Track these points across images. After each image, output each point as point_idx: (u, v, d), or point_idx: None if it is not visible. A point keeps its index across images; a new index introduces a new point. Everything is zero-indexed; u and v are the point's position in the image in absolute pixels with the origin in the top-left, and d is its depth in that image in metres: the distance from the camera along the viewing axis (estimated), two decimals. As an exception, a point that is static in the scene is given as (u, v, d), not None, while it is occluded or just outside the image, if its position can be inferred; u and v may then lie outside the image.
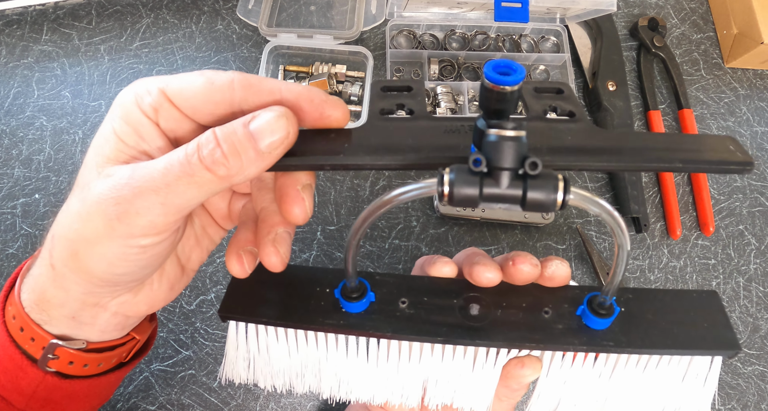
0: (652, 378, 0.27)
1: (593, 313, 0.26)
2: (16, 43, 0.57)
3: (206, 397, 0.47)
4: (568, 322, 0.27)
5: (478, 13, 0.59)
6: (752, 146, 0.60)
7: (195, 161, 0.20)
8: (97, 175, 0.22)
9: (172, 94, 0.22)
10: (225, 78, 0.22)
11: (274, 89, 0.22)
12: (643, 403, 0.28)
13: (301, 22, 0.59)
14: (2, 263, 0.50)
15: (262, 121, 0.21)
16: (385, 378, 0.28)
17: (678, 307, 0.27)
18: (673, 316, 0.27)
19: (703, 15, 0.65)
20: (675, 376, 0.27)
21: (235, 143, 0.20)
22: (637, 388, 0.27)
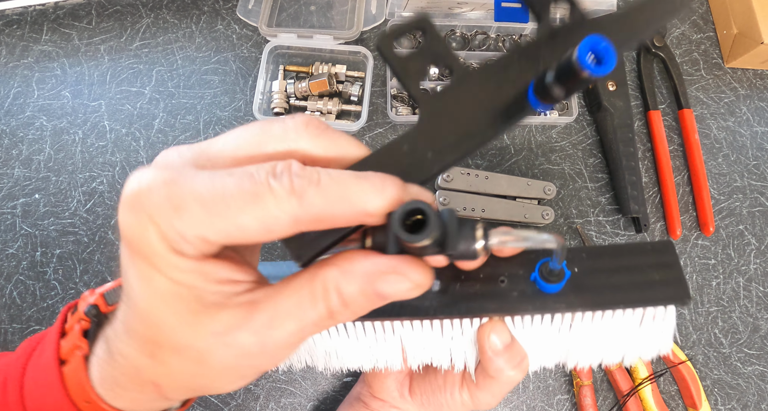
0: (609, 328, 0.29)
1: (544, 280, 0.27)
2: (16, 43, 0.57)
3: (206, 397, 0.47)
4: (522, 288, 0.28)
5: (478, 13, 0.59)
6: (752, 146, 0.60)
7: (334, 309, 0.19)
8: (214, 343, 0.19)
9: (218, 241, 0.19)
10: (285, 224, 0.18)
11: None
12: (603, 350, 0.30)
13: (301, 22, 0.59)
14: (2, 263, 0.50)
15: (393, 290, 0.19)
16: (370, 349, 0.30)
17: (632, 261, 0.28)
18: (627, 270, 0.28)
19: (703, 15, 0.65)
20: (632, 324, 0.28)
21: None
22: (596, 337, 0.29)
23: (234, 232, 0.18)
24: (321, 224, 0.18)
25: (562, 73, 0.19)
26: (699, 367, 0.53)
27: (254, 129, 0.20)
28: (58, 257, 0.50)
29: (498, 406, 0.50)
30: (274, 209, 0.17)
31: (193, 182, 0.18)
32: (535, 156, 0.57)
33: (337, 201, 0.18)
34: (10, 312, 0.49)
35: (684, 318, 0.54)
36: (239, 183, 0.18)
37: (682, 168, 0.59)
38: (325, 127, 0.20)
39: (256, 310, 0.19)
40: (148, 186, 0.18)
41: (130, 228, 0.18)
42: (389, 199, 0.19)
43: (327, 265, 0.20)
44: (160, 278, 0.19)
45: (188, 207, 0.17)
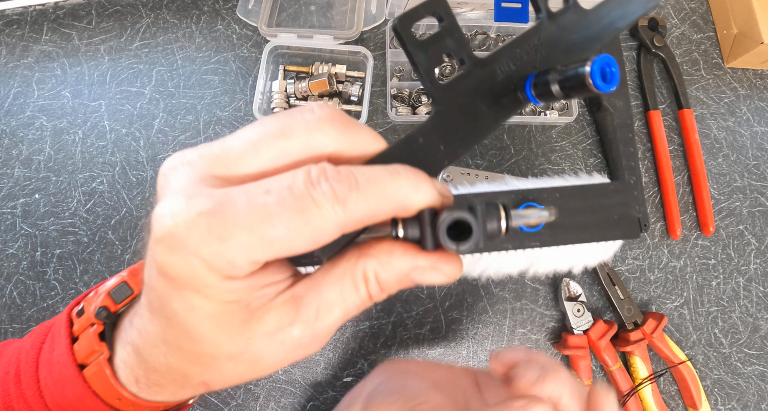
0: (568, 249, 0.35)
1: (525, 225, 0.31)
2: (16, 43, 0.57)
3: (206, 397, 0.47)
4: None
5: (478, 13, 0.59)
6: (752, 146, 0.60)
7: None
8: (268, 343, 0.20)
9: (269, 260, 0.18)
10: (333, 233, 0.18)
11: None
12: (559, 262, 0.37)
13: (301, 22, 0.59)
14: (2, 263, 0.50)
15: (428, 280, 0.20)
16: None
17: (597, 200, 0.33)
18: (592, 210, 0.33)
19: (703, 15, 0.65)
20: (587, 247, 0.35)
21: None
22: (556, 255, 0.35)
23: (284, 250, 0.17)
24: (362, 225, 0.18)
25: (569, 80, 0.20)
26: (699, 367, 0.53)
27: (272, 129, 0.19)
28: (58, 257, 0.50)
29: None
30: (320, 222, 0.17)
31: (232, 208, 0.17)
32: (535, 156, 0.57)
33: (378, 202, 0.18)
34: (10, 312, 0.49)
35: (684, 318, 0.54)
36: (281, 200, 0.17)
37: (682, 168, 0.59)
38: (348, 121, 0.20)
39: (302, 305, 0.19)
40: (184, 222, 0.17)
41: (174, 267, 0.18)
42: (427, 195, 0.19)
43: (366, 256, 0.20)
44: (211, 304, 0.18)
45: (233, 236, 0.17)
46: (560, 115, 0.57)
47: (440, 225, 0.19)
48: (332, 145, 0.19)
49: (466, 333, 0.52)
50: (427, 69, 0.21)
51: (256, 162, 0.19)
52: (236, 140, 0.19)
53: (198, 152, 0.19)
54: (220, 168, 0.18)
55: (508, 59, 0.22)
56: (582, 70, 0.19)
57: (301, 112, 0.19)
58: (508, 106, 0.22)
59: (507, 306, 0.52)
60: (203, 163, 0.18)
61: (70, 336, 0.26)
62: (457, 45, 0.21)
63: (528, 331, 0.52)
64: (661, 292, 0.55)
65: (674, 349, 0.51)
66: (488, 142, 0.57)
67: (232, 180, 0.18)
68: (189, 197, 0.17)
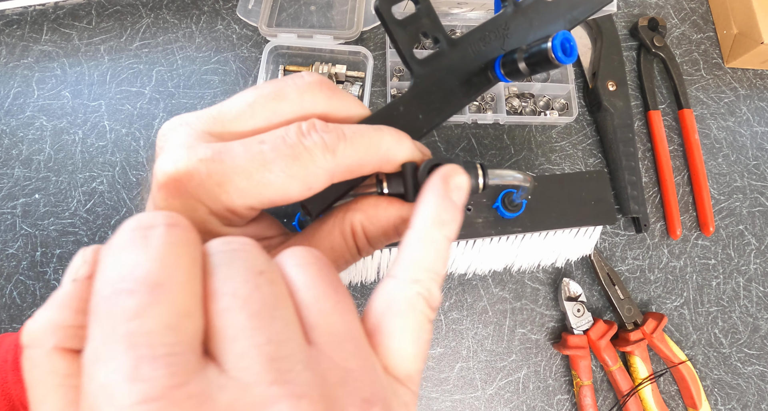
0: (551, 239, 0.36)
1: (506, 208, 0.32)
2: (16, 43, 0.57)
3: (206, 397, 0.47)
4: (486, 215, 0.34)
5: (478, 13, 0.59)
6: (752, 146, 0.60)
7: None
8: None
9: (265, 207, 0.19)
10: (324, 180, 0.19)
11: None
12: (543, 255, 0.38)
13: (301, 22, 0.59)
14: (2, 263, 0.50)
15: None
16: None
17: (575, 188, 0.35)
18: (570, 197, 0.35)
19: (703, 15, 0.65)
20: (568, 237, 0.36)
21: None
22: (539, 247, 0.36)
23: (279, 196, 0.18)
24: (350, 174, 0.19)
25: (533, 56, 0.23)
26: (699, 367, 0.53)
27: (267, 92, 0.20)
28: (58, 257, 0.50)
29: (497, 405, 0.50)
30: (312, 167, 0.18)
31: (230, 155, 0.18)
32: (535, 156, 0.57)
33: (365, 151, 0.19)
34: (10, 312, 0.49)
35: (684, 318, 0.54)
36: (275, 148, 0.18)
37: (682, 168, 0.59)
38: (335, 87, 0.21)
39: None
40: (186, 167, 0.18)
41: (177, 212, 0.18)
42: (408, 149, 0.21)
43: (354, 211, 0.21)
44: None
45: (233, 181, 0.18)
46: (560, 115, 0.57)
47: (420, 171, 0.21)
48: (321, 107, 0.20)
49: (466, 333, 0.52)
50: (406, 45, 0.23)
51: (251, 121, 0.19)
52: (232, 102, 0.20)
53: (195, 114, 0.20)
54: (217, 126, 0.19)
55: (478, 40, 0.25)
56: (544, 45, 0.22)
57: (292, 78, 0.20)
58: (478, 83, 0.25)
59: (507, 306, 0.52)
60: (201, 123, 0.19)
61: None
62: (432, 25, 0.24)
63: (528, 331, 0.52)
64: (661, 292, 0.55)
65: (674, 349, 0.51)
66: (488, 142, 0.57)
67: (228, 137, 0.19)
68: (189, 147, 0.18)
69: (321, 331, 0.15)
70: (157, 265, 0.13)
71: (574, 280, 0.52)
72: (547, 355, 0.52)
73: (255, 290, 0.14)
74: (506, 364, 0.51)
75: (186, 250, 0.14)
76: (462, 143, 0.57)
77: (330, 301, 0.16)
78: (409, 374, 0.17)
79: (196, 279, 0.14)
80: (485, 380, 0.50)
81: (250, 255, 0.15)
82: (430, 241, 0.18)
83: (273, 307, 0.14)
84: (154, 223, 0.14)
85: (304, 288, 0.16)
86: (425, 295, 0.18)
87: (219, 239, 0.16)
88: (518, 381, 0.51)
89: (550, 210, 0.34)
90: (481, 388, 0.50)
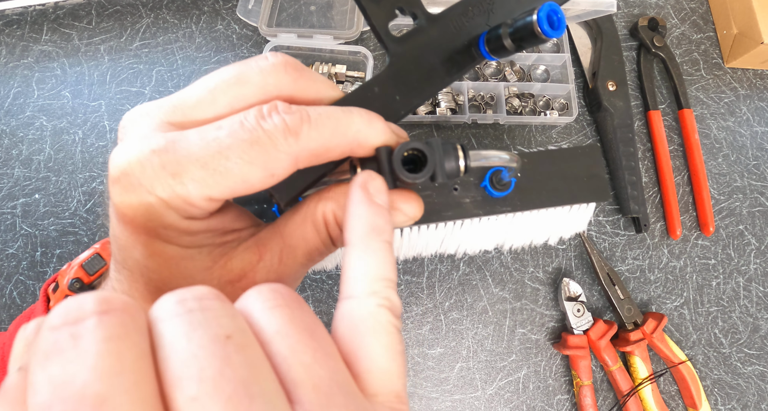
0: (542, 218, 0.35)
1: (494, 188, 0.31)
2: (16, 43, 0.57)
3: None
4: (473, 194, 0.32)
5: None
6: (752, 146, 0.60)
7: None
8: (232, 290, 0.20)
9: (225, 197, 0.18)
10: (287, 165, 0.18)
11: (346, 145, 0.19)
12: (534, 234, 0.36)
13: (301, 22, 0.59)
14: (2, 263, 0.50)
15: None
16: None
17: (566, 164, 0.33)
18: (561, 174, 0.33)
19: (703, 15, 0.65)
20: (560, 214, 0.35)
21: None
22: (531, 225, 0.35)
23: (239, 184, 0.17)
24: (317, 159, 0.18)
25: (518, 31, 0.21)
26: (699, 367, 0.53)
27: (228, 76, 0.19)
28: (58, 257, 0.50)
29: (497, 405, 0.50)
30: (273, 152, 0.17)
31: (184, 144, 0.17)
32: (535, 156, 0.57)
33: (332, 134, 0.18)
34: (10, 312, 0.49)
35: (684, 318, 0.54)
36: (232, 133, 0.17)
37: (682, 168, 0.59)
38: (302, 68, 0.20)
39: (264, 250, 0.20)
40: (138, 159, 0.17)
41: (130, 207, 0.17)
42: (381, 131, 0.19)
43: (325, 199, 0.20)
44: (172, 248, 0.18)
45: (187, 171, 0.16)
46: (560, 115, 0.57)
47: (395, 155, 0.19)
48: (287, 89, 0.19)
49: (466, 333, 0.52)
50: (380, 21, 0.22)
51: (212, 108, 0.18)
52: (193, 89, 0.19)
53: (156, 103, 0.19)
54: (177, 115, 0.18)
55: (461, 16, 0.23)
56: (530, 18, 0.20)
57: (255, 59, 0.19)
58: (461, 61, 0.23)
59: (507, 306, 0.52)
60: (161, 113, 0.18)
61: (47, 311, 0.26)
62: (409, 1, 0.23)
63: (528, 331, 0.52)
64: (661, 292, 0.55)
65: (674, 349, 0.51)
66: (488, 142, 0.57)
67: (189, 126, 0.18)
68: (143, 138, 0.17)
69: (305, 389, 0.13)
70: (96, 375, 0.11)
71: (574, 280, 0.52)
72: (547, 355, 0.52)
73: (225, 366, 0.12)
74: (506, 364, 0.51)
75: (127, 342, 0.12)
76: (462, 143, 0.57)
77: (309, 349, 0.14)
78: (398, 394, 0.16)
79: (148, 374, 0.12)
80: (485, 380, 0.50)
81: (212, 314, 0.13)
82: (372, 250, 0.17)
83: (249, 383, 0.12)
84: (82, 316, 0.12)
85: (278, 338, 0.14)
86: (386, 305, 0.16)
87: (169, 296, 0.13)
88: (518, 381, 0.51)
89: (541, 188, 0.33)
90: (481, 388, 0.50)
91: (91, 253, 0.27)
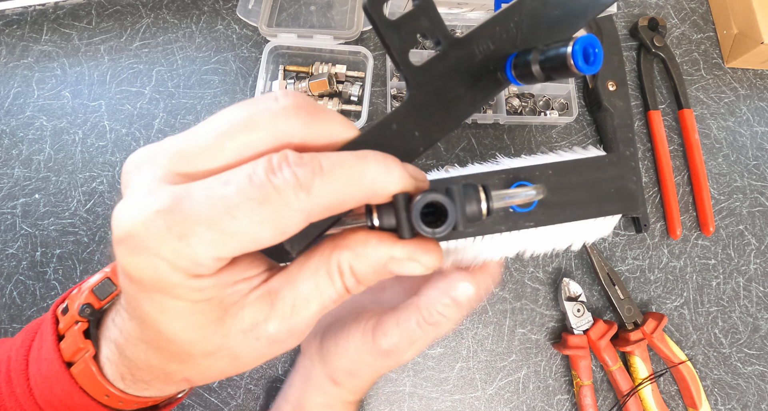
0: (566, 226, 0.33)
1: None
2: (16, 43, 0.57)
3: (206, 397, 0.47)
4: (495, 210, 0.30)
5: (478, 13, 0.59)
6: (752, 146, 0.60)
7: None
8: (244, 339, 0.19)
9: (234, 256, 0.17)
10: (299, 222, 0.17)
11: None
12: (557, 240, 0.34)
13: (301, 22, 0.59)
14: (2, 263, 0.50)
15: (406, 271, 0.19)
16: None
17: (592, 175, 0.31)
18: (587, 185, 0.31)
19: (703, 15, 0.65)
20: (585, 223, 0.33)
21: None
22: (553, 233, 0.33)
23: (248, 244, 0.17)
24: (330, 213, 0.17)
25: (550, 60, 0.19)
26: (699, 367, 0.53)
27: (237, 121, 0.18)
28: (58, 257, 0.50)
29: (497, 405, 0.50)
30: (284, 210, 0.16)
31: (189, 203, 0.16)
32: (535, 156, 0.57)
33: (346, 186, 0.17)
34: (10, 312, 0.49)
35: (684, 318, 0.54)
36: (240, 190, 0.16)
37: (682, 168, 0.59)
38: (315, 109, 0.19)
39: (276, 300, 0.19)
40: (142, 221, 0.16)
41: (136, 269, 0.17)
42: (398, 178, 0.18)
43: (340, 247, 0.19)
44: (181, 304, 0.18)
45: (194, 232, 0.16)
46: (560, 115, 0.57)
47: (413, 208, 0.18)
48: (299, 135, 0.18)
49: (466, 333, 0.52)
50: (400, 50, 0.20)
51: (221, 157, 0.18)
52: (200, 133, 0.18)
53: (161, 148, 0.18)
54: (182, 164, 0.18)
55: (487, 38, 0.21)
56: (564, 50, 0.18)
57: (265, 101, 0.18)
58: (487, 87, 0.22)
59: (507, 306, 0.52)
60: (166, 160, 0.18)
61: (56, 334, 0.26)
62: (433, 24, 0.20)
63: (528, 331, 0.52)
64: (661, 292, 0.55)
65: (674, 349, 0.51)
66: (488, 142, 0.57)
67: (195, 176, 0.18)
68: (147, 195, 0.17)
69: None
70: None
71: (574, 280, 0.52)
72: (547, 355, 0.52)
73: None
74: (506, 364, 0.51)
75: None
76: (462, 143, 0.57)
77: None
78: None
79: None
80: (485, 380, 0.50)
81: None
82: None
83: None
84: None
85: None
86: None
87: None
88: (518, 381, 0.51)
89: (566, 201, 0.31)
90: (481, 388, 0.50)
91: (102, 278, 0.27)
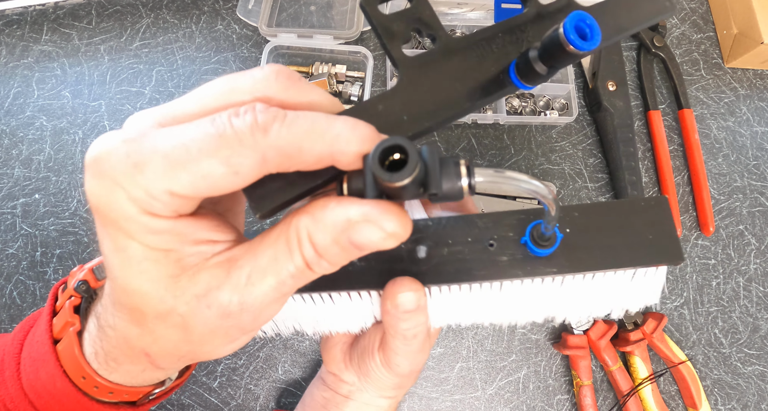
0: (600, 284, 0.28)
1: (535, 244, 0.26)
2: (16, 43, 0.57)
3: (206, 397, 0.47)
4: (512, 252, 0.27)
5: (478, 13, 0.59)
6: (752, 146, 0.60)
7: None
8: (196, 305, 0.19)
9: (187, 194, 0.17)
10: (253, 162, 0.17)
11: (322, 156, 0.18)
12: (593, 304, 0.29)
13: (301, 22, 0.59)
14: (2, 263, 0.50)
15: (367, 240, 0.18)
16: (345, 314, 0.30)
17: (625, 219, 0.27)
18: (620, 229, 0.27)
19: (703, 15, 0.65)
20: (623, 281, 0.28)
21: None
22: (586, 293, 0.29)
23: (200, 180, 0.16)
24: (289, 160, 0.17)
25: (547, 48, 0.19)
26: (699, 367, 0.53)
27: (220, 83, 0.18)
28: (58, 257, 0.50)
29: (497, 405, 0.50)
30: (237, 147, 0.16)
31: (153, 136, 0.17)
32: (535, 156, 0.57)
33: (306, 133, 0.17)
34: (10, 312, 0.49)
35: (684, 318, 0.54)
36: (200, 129, 0.17)
37: (682, 168, 0.59)
38: (297, 78, 0.19)
39: (234, 267, 0.19)
40: (107, 149, 0.17)
41: (96, 195, 0.17)
42: (365, 137, 0.17)
43: (300, 213, 0.18)
44: (135, 245, 0.18)
45: (150, 162, 0.16)
46: (560, 115, 0.57)
47: (373, 150, 0.16)
48: (278, 98, 0.18)
49: (466, 333, 0.52)
50: (394, 44, 0.21)
51: (200, 112, 0.18)
52: (187, 96, 0.19)
53: (152, 109, 0.19)
54: (167, 118, 0.18)
55: (486, 41, 0.22)
56: (556, 32, 0.18)
57: (250, 70, 0.19)
58: (488, 88, 0.22)
59: (507, 306, 0.52)
60: (154, 114, 0.19)
61: (53, 311, 0.26)
62: (428, 22, 0.21)
63: (528, 331, 0.52)
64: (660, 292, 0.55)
65: (674, 349, 0.51)
66: (488, 142, 0.57)
67: None
68: (121, 130, 0.18)
69: None
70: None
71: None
72: (547, 355, 0.52)
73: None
74: (506, 364, 0.51)
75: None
76: (462, 143, 0.57)
77: None
78: None
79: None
80: (485, 380, 0.50)
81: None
82: None
83: None
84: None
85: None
86: None
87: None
88: (518, 381, 0.51)
89: (593, 246, 0.27)
90: (481, 388, 0.50)
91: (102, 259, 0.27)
